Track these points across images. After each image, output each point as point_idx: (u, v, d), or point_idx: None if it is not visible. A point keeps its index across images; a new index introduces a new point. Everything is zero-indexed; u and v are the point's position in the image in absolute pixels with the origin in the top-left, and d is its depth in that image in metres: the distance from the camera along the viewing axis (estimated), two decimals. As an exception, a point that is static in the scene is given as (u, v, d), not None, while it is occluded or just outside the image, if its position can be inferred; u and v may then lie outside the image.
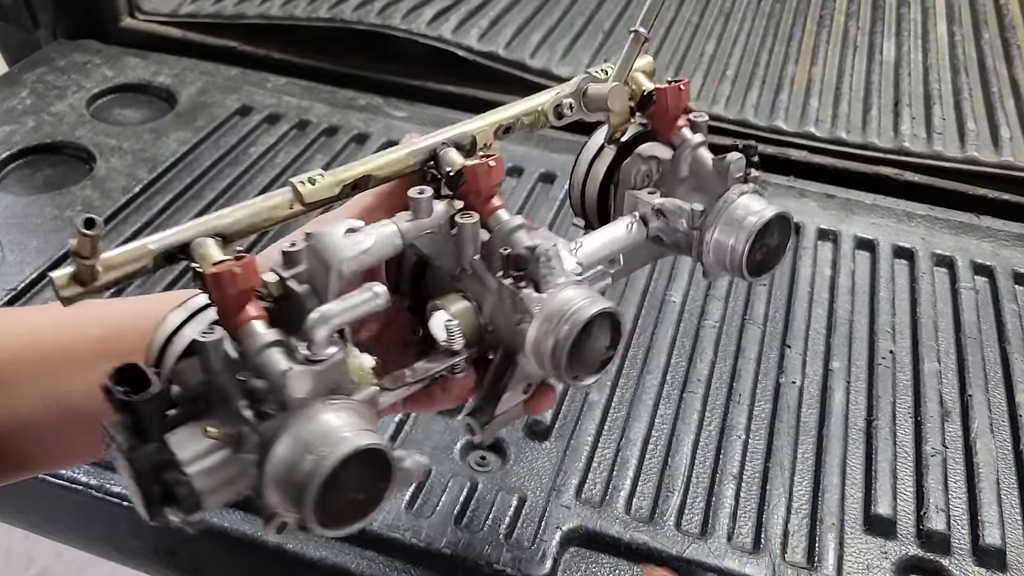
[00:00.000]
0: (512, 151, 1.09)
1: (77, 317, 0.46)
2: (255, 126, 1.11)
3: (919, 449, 0.76)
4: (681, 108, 0.55)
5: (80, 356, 0.48)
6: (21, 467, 0.51)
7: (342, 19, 1.24)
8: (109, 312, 0.51)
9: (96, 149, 1.05)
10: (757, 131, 1.15)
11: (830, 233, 1.00)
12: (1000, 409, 0.80)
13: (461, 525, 0.67)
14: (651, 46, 1.31)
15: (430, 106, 1.17)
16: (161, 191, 1.00)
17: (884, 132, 1.16)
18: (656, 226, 0.53)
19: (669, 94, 0.55)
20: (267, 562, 0.67)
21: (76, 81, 1.16)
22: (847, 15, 1.43)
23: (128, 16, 1.27)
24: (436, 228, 0.46)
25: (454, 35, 1.22)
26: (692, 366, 0.82)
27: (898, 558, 0.67)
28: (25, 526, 0.81)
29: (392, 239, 0.45)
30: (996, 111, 1.20)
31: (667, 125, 0.55)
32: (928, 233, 1.01)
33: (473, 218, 0.46)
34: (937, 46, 1.35)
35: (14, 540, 1.71)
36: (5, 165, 1.02)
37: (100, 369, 0.36)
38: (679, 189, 0.54)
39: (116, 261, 0.40)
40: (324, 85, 1.20)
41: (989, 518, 0.70)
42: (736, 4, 1.45)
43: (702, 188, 0.53)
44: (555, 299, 0.44)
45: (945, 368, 0.84)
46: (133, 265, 0.41)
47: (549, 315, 0.44)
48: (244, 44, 1.26)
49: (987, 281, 0.95)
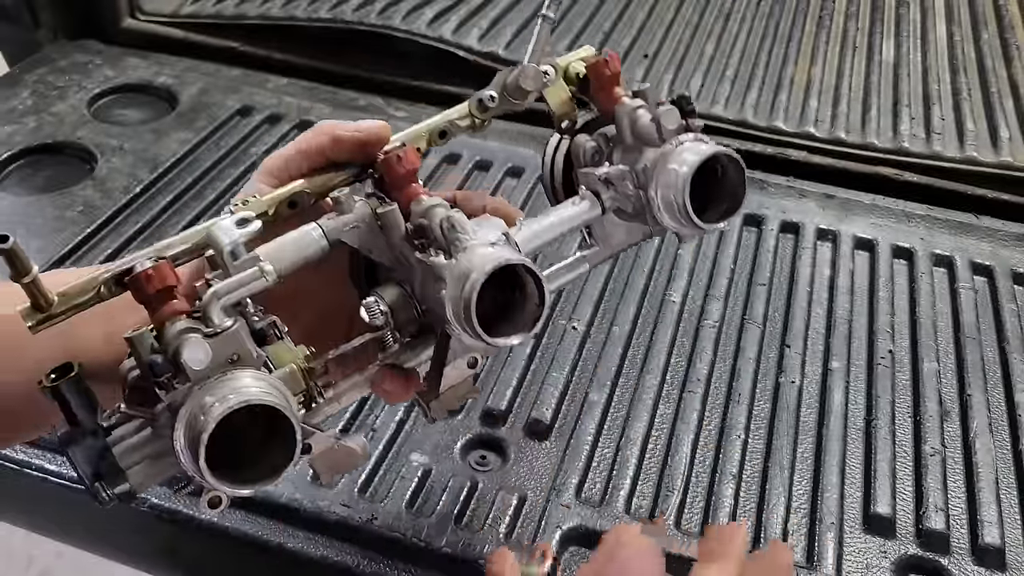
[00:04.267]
0: (512, 151, 1.09)
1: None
2: (256, 126, 1.11)
3: (918, 449, 0.76)
4: (612, 78, 0.55)
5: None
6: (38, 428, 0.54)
7: (343, 20, 1.24)
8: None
9: (97, 149, 1.05)
10: (757, 131, 1.15)
11: (829, 233, 1.00)
12: (999, 409, 0.80)
13: (461, 525, 0.67)
14: (651, 47, 1.31)
15: (430, 106, 1.17)
16: (162, 191, 1.00)
17: (883, 132, 1.16)
18: (609, 196, 0.53)
19: (596, 66, 0.55)
20: (267, 561, 0.68)
21: (77, 81, 1.17)
22: (846, 16, 1.43)
23: (129, 16, 1.28)
24: (361, 222, 0.48)
25: (454, 35, 1.22)
26: (692, 366, 0.82)
27: (897, 557, 0.68)
28: (26, 526, 0.81)
29: (316, 239, 0.47)
30: (995, 111, 1.20)
31: (606, 99, 0.55)
32: (927, 233, 1.01)
33: (390, 206, 0.48)
34: (936, 47, 1.35)
35: (14, 540, 1.70)
36: (6, 165, 1.02)
37: None
38: (628, 157, 0.54)
39: (71, 291, 0.44)
40: (325, 85, 1.20)
41: (988, 517, 0.70)
42: (736, 5, 1.45)
43: (647, 149, 0.52)
44: (461, 260, 0.44)
45: (944, 368, 0.84)
46: (87, 295, 0.45)
47: (456, 276, 0.44)
48: (245, 45, 1.26)
49: (986, 281, 0.95)
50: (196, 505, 0.67)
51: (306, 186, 0.51)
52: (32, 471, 0.71)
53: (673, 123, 0.51)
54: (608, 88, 0.55)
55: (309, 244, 0.47)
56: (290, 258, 0.46)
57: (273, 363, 0.44)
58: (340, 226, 0.48)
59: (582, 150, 0.55)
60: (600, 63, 0.55)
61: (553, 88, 0.57)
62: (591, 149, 0.54)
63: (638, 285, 0.91)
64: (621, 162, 0.54)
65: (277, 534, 0.66)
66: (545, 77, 0.56)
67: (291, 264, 0.46)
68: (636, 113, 0.53)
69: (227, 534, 0.67)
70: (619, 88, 0.55)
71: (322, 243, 0.47)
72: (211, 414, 0.38)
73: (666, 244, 0.97)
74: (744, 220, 1.01)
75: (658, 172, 0.51)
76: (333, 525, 0.67)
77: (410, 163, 0.50)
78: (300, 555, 0.66)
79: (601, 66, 0.55)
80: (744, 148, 1.13)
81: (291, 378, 0.45)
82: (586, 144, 0.55)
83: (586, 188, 0.54)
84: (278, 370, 0.44)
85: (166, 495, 0.68)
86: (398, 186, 0.50)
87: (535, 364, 0.81)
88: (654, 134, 0.51)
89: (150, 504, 0.68)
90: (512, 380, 0.79)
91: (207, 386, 0.40)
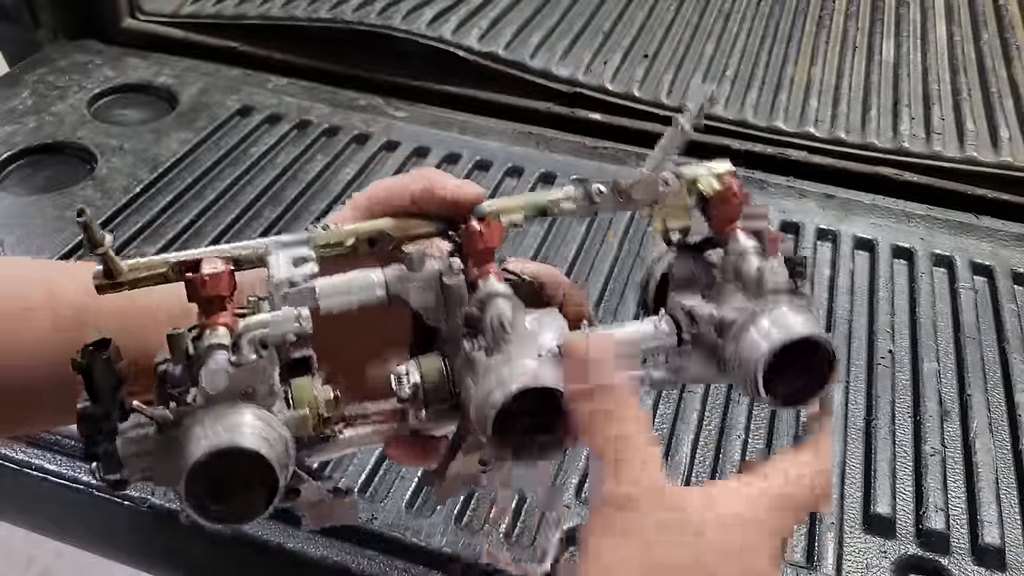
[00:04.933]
0: (512, 151, 1.09)
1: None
2: (256, 126, 1.11)
3: (918, 448, 0.76)
4: (735, 209, 0.52)
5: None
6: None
7: (343, 19, 1.24)
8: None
9: (97, 149, 1.05)
10: (757, 131, 1.15)
11: (829, 233, 1.00)
12: (999, 409, 0.80)
13: (461, 525, 0.67)
14: (651, 47, 1.31)
15: (430, 106, 1.17)
16: (162, 191, 1.00)
17: (883, 132, 1.16)
18: (689, 331, 0.50)
19: (724, 194, 0.52)
20: (267, 561, 0.68)
21: (77, 81, 1.17)
22: (846, 16, 1.43)
23: (129, 16, 1.28)
24: (425, 283, 0.47)
25: (454, 35, 1.22)
26: (692, 366, 0.82)
27: (897, 557, 0.68)
28: (26, 525, 0.81)
29: (376, 288, 0.47)
30: (995, 111, 1.20)
31: (722, 226, 0.52)
32: (927, 233, 1.01)
33: (458, 278, 0.46)
34: (936, 47, 1.35)
35: (14, 540, 1.70)
36: (6, 165, 1.02)
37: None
38: (721, 296, 0.50)
39: (140, 266, 0.46)
40: (325, 85, 1.20)
41: (988, 517, 0.70)
42: (736, 5, 1.45)
43: (744, 298, 0.49)
44: (497, 367, 0.43)
45: (944, 368, 0.84)
46: (153, 271, 0.46)
47: (486, 382, 0.42)
48: (245, 44, 1.26)
49: (986, 281, 0.95)
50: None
51: (390, 227, 0.50)
52: (32, 471, 0.71)
53: (777, 282, 0.48)
54: (728, 219, 0.52)
55: (367, 292, 0.47)
56: (344, 300, 0.46)
57: (293, 399, 0.44)
58: (403, 281, 0.47)
59: (688, 272, 0.52)
60: (729, 192, 0.52)
61: (670, 197, 0.53)
62: (688, 274, 0.52)
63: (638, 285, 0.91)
64: (714, 299, 0.50)
65: (277, 534, 0.66)
66: (665, 186, 0.52)
67: (343, 305, 0.46)
68: (745, 256, 0.50)
69: (227, 534, 0.67)
70: (739, 221, 0.52)
71: (380, 293, 0.47)
72: (198, 447, 0.39)
73: (666, 244, 0.97)
74: (744, 220, 1.01)
75: (741, 329, 0.47)
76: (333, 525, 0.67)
77: (491, 241, 0.48)
78: (300, 555, 0.66)
79: (728, 195, 0.52)
80: (744, 148, 1.13)
81: (301, 423, 0.44)
82: (685, 266, 0.52)
83: (670, 313, 0.51)
84: (291, 412, 0.44)
85: (166, 495, 0.68)
86: (473, 260, 0.48)
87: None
88: (754, 285, 0.49)
89: (150, 504, 0.68)
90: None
91: (210, 412, 0.40)
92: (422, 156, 1.08)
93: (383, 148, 1.09)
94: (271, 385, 0.42)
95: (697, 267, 0.51)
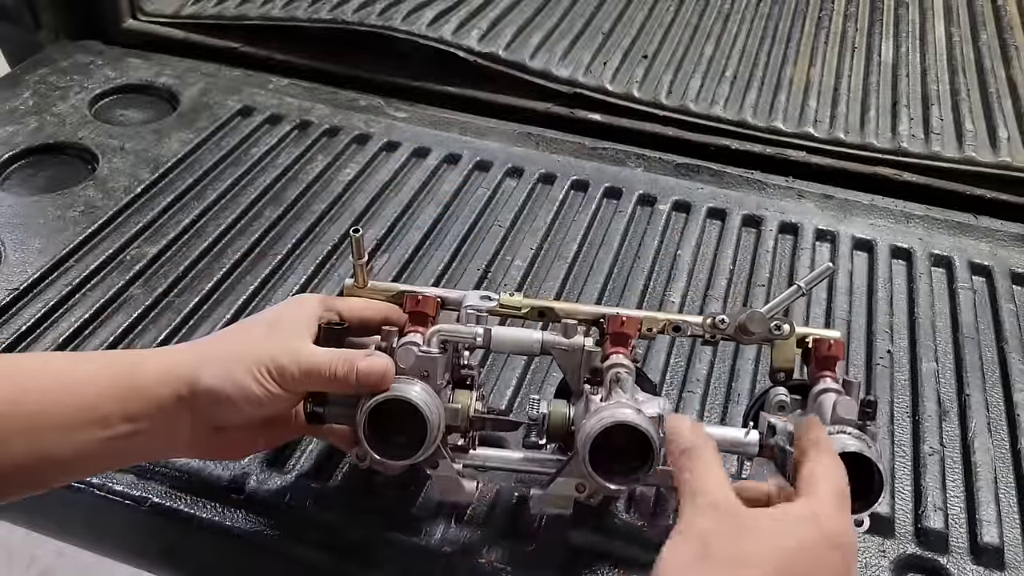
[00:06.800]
0: (512, 152, 1.10)
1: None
2: (256, 127, 1.11)
3: (917, 448, 0.76)
4: (829, 360, 0.64)
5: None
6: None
7: (343, 20, 1.25)
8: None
9: (98, 149, 1.05)
10: (756, 131, 1.15)
11: (828, 233, 1.00)
12: (998, 408, 0.80)
13: (461, 525, 0.67)
14: (650, 47, 1.31)
15: (430, 107, 1.17)
16: (163, 191, 1.00)
17: (882, 133, 1.16)
18: (769, 442, 0.61)
19: (820, 344, 0.65)
20: (267, 561, 0.68)
21: (78, 82, 1.17)
22: (845, 16, 1.43)
23: (130, 17, 1.28)
24: (570, 348, 0.63)
25: (455, 36, 1.23)
26: (691, 366, 0.83)
27: (896, 556, 0.68)
28: (27, 525, 0.81)
29: (534, 343, 0.63)
30: (994, 112, 1.20)
31: (814, 372, 0.65)
32: (926, 233, 1.01)
33: (597, 350, 0.63)
34: (935, 47, 1.36)
35: (16, 539, 1.71)
36: (8, 165, 1.03)
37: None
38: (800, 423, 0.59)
39: (379, 287, 0.68)
40: (325, 86, 1.20)
41: (987, 517, 0.70)
42: (735, 6, 1.46)
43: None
44: (605, 406, 0.57)
45: (943, 368, 0.84)
46: (388, 294, 0.68)
47: (593, 417, 0.56)
48: (246, 45, 1.26)
49: (985, 281, 0.96)
50: (198, 504, 0.68)
51: (558, 307, 0.67)
52: (34, 470, 0.71)
53: (846, 413, 0.58)
54: (822, 366, 0.64)
55: (527, 342, 0.64)
56: (510, 343, 0.64)
57: (452, 398, 0.62)
58: (552, 344, 0.63)
59: (774, 398, 0.63)
60: (824, 344, 0.65)
61: (782, 344, 0.65)
62: (780, 401, 0.63)
63: (638, 285, 0.91)
64: (792, 421, 0.60)
65: (277, 534, 0.67)
66: (777, 331, 0.65)
67: (508, 346, 0.64)
68: (826, 392, 0.61)
69: (228, 534, 0.67)
70: (830, 371, 0.64)
71: (535, 348, 0.63)
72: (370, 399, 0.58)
73: (666, 244, 0.98)
74: (743, 221, 1.01)
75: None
76: (333, 525, 0.67)
77: (629, 330, 0.64)
78: (300, 555, 0.66)
79: (824, 347, 0.65)
80: (743, 148, 1.13)
81: (454, 413, 0.61)
82: (779, 395, 0.63)
83: (756, 427, 0.62)
84: (449, 403, 0.61)
85: (166, 495, 0.69)
86: (611, 339, 0.64)
87: (535, 364, 0.81)
88: (827, 413, 0.59)
89: (150, 504, 0.68)
90: (512, 380, 0.79)
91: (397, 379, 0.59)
92: (422, 156, 1.08)
93: (383, 148, 1.09)
94: (439, 373, 0.60)
95: (784, 398, 0.63)
